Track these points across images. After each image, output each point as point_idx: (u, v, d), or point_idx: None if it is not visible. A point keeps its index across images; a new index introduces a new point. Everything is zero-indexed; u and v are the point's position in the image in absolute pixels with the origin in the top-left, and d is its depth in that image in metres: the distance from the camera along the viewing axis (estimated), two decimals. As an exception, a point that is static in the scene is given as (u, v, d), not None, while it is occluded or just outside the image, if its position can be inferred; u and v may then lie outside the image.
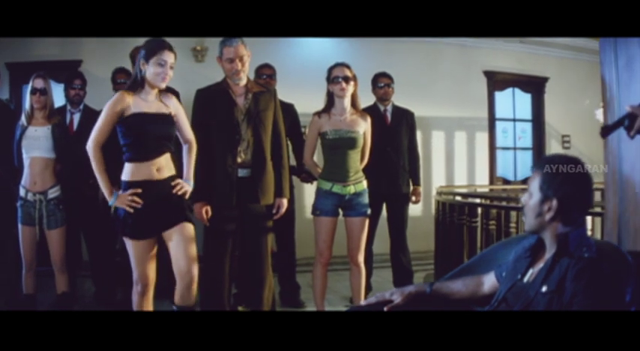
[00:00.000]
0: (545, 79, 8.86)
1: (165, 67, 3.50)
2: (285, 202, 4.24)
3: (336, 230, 4.40)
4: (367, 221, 4.44)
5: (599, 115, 5.82)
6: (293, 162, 5.14)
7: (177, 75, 5.61)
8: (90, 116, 4.81)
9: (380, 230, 5.69)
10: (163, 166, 3.52)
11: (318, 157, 4.63)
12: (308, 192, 6.98)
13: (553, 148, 8.93)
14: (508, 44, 8.43)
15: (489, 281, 2.51)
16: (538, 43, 8.43)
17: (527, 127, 9.02)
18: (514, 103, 8.91)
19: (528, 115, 9.02)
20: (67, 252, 4.57)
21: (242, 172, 4.03)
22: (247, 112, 4.05)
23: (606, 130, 2.16)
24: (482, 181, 8.44)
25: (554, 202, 2.13)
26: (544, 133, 8.89)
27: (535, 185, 2.18)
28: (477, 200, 5.75)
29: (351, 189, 4.33)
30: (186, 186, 3.62)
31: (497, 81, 8.62)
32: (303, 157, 4.65)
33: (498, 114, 8.70)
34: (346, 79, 4.28)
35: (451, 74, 8.25)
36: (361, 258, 4.43)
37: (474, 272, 2.64)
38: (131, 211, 3.41)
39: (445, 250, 5.94)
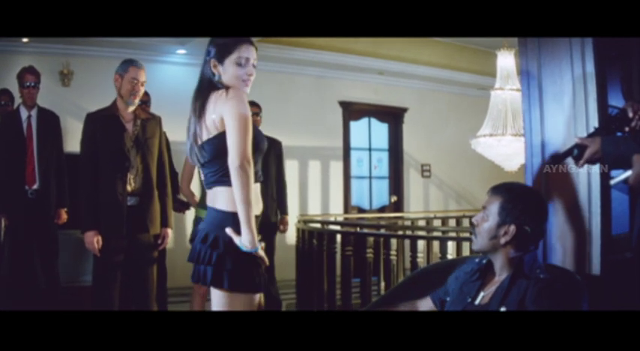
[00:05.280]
0: (403, 110, 9.17)
1: (248, 67, 2.64)
2: (169, 232, 4.17)
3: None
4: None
5: (475, 144, 6.11)
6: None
7: (43, 98, 5.33)
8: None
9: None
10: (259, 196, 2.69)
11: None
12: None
13: (412, 176, 9.25)
14: (365, 76, 8.66)
15: (425, 306, 2.54)
16: (397, 75, 8.70)
17: (384, 157, 9.24)
18: (370, 132, 9.12)
19: (385, 144, 9.25)
20: None
21: (131, 201, 3.91)
22: (136, 139, 3.96)
23: (555, 160, 2.26)
24: (336, 209, 8.55)
25: (512, 228, 2.21)
26: (402, 162, 9.18)
27: (494, 209, 2.25)
28: (339, 228, 5.82)
29: (230, 217, 4.25)
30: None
31: (352, 111, 8.81)
32: (180, 186, 4.67)
33: (353, 143, 8.88)
34: None
35: (306, 104, 8.34)
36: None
37: (405, 297, 2.65)
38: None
39: (309, 279, 5.95)
